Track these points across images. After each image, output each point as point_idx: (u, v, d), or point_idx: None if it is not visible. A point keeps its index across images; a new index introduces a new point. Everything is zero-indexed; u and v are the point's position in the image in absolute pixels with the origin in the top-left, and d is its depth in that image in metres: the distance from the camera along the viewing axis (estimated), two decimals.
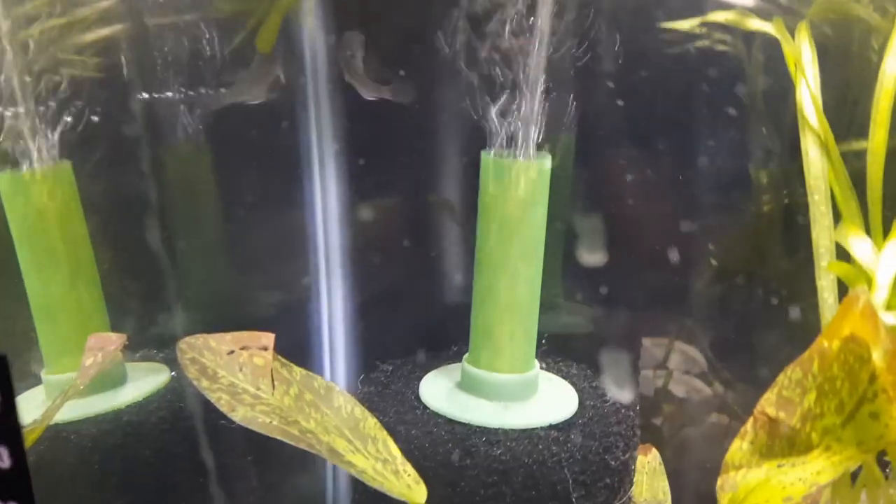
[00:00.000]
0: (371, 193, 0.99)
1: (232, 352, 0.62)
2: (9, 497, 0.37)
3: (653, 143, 0.98)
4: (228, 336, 0.63)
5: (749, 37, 0.89)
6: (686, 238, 1.01)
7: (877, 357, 0.52)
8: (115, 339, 0.63)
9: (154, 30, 0.92)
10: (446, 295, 0.99)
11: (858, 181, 0.66)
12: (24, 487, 0.37)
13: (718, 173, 0.99)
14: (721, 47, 0.91)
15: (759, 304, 1.04)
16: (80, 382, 0.60)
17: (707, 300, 1.08)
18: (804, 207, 0.67)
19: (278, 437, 0.58)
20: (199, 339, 0.62)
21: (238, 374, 0.61)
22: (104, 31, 0.91)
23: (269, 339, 0.63)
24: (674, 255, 0.99)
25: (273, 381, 0.61)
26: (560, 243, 0.97)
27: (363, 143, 0.99)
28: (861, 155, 0.73)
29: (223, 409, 0.58)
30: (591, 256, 0.97)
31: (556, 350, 0.88)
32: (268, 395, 0.60)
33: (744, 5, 0.88)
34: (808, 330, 0.77)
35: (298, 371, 0.64)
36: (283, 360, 0.63)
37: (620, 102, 0.93)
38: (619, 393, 0.79)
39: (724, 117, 0.96)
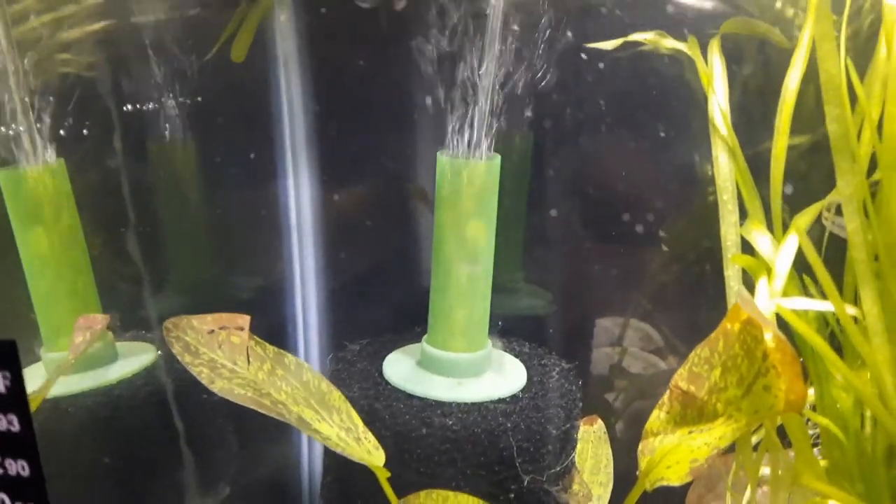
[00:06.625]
0: (343, 182, 1.07)
1: (212, 331, 0.69)
2: (19, 456, 0.45)
3: (605, 139, 1.05)
4: (209, 317, 0.71)
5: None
6: (638, 225, 1.09)
7: (768, 338, 0.60)
8: (101, 320, 0.71)
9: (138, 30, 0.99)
10: (414, 278, 1.07)
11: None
12: (32, 448, 0.45)
13: (668, 166, 1.07)
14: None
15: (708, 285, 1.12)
16: (72, 357, 0.68)
17: (660, 283, 1.16)
18: None
19: (253, 407, 0.65)
20: (182, 320, 0.70)
21: (217, 351, 0.68)
22: (90, 28, 0.98)
23: (244, 320, 0.71)
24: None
25: (248, 357, 0.69)
26: (520, 232, 1.05)
27: (336, 134, 1.07)
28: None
29: (203, 381, 0.65)
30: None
31: (512, 331, 0.96)
32: (243, 369, 0.68)
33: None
34: None
35: (271, 349, 0.72)
36: (258, 339, 0.71)
37: (574, 102, 1.00)
38: (566, 370, 0.87)
39: (670, 115, 1.03)
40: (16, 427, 0.44)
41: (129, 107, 1.00)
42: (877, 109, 0.62)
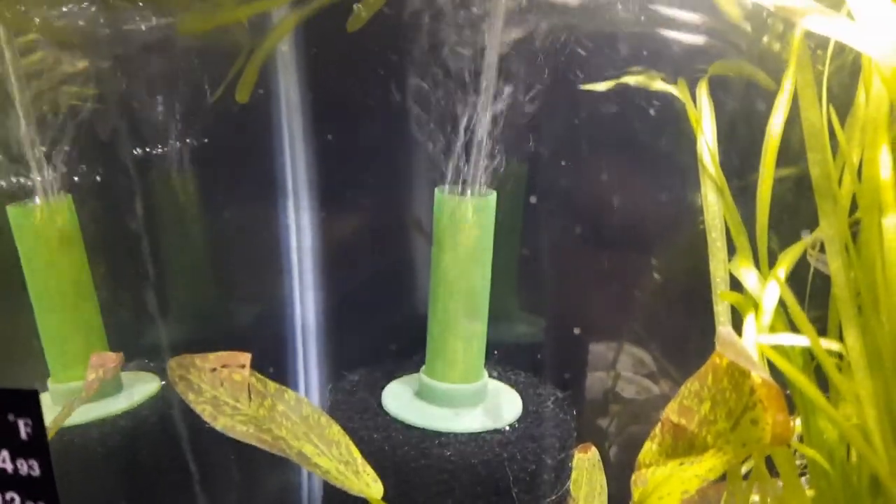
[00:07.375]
0: (343, 212, 1.09)
1: (214, 369, 0.71)
2: (39, 498, 0.47)
3: (598, 170, 1.08)
4: (211, 356, 0.73)
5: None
6: (631, 254, 1.11)
7: (754, 372, 0.62)
8: (114, 358, 0.73)
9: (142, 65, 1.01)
10: (412, 307, 1.09)
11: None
12: (52, 491, 0.47)
13: (658, 196, 1.09)
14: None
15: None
16: (86, 394, 0.70)
17: (652, 309, 1.18)
18: None
19: (254, 444, 0.67)
20: (186, 359, 0.72)
21: (219, 389, 0.70)
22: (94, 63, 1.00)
23: (245, 358, 0.73)
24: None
25: (249, 394, 0.71)
26: (513, 261, 1.07)
27: (336, 165, 1.09)
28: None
29: (206, 419, 0.67)
30: None
31: (507, 359, 0.98)
32: (245, 406, 0.70)
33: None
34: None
35: (272, 385, 0.74)
36: (259, 375, 0.73)
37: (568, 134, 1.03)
38: (560, 399, 0.89)
39: (662, 147, 1.05)
40: (36, 472, 0.45)
41: (134, 140, 1.02)
42: (857, 153, 0.65)
